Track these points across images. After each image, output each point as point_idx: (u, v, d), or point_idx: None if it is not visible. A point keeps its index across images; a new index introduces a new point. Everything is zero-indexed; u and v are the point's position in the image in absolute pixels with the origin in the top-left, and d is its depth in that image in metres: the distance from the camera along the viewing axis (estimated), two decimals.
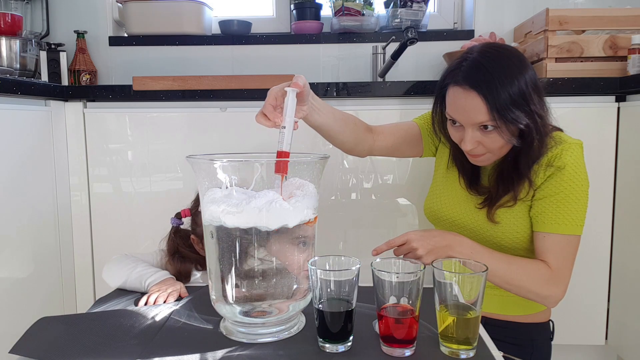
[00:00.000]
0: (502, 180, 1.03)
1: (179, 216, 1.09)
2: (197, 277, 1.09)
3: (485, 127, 0.95)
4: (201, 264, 1.08)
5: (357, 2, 1.96)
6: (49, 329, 0.78)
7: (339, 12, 1.97)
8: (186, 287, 0.97)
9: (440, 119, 1.09)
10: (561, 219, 0.99)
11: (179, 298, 0.92)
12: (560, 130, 1.07)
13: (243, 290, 0.75)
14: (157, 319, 0.81)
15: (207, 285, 0.81)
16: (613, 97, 1.45)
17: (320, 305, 0.70)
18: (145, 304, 0.89)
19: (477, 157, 1.02)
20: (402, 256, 0.98)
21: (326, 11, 2.08)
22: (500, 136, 0.95)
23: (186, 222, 1.10)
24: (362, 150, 1.16)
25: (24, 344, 0.73)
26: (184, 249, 1.07)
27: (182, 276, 1.02)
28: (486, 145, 0.98)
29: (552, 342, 1.18)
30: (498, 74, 0.93)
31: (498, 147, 0.98)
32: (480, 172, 1.11)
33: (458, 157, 1.11)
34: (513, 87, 0.92)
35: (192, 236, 1.08)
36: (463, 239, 0.99)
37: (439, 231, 1.02)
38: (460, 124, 0.99)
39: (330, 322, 0.70)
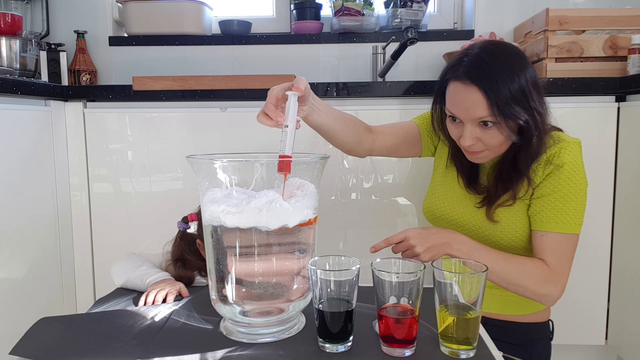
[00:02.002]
0: (501, 179, 1.03)
1: (185, 220, 1.08)
2: (197, 277, 1.09)
3: (485, 123, 0.95)
4: (204, 271, 1.07)
5: (357, 2, 1.96)
6: (49, 329, 0.78)
7: (339, 12, 1.97)
8: (186, 287, 0.97)
9: (439, 116, 1.09)
10: (559, 217, 1.00)
11: (180, 298, 0.92)
12: (560, 130, 1.08)
13: (243, 290, 0.75)
14: (157, 319, 0.81)
15: (207, 285, 0.81)
16: (613, 97, 1.45)
17: (320, 305, 0.70)
18: (145, 303, 0.89)
19: (476, 155, 1.02)
20: (400, 254, 0.98)
21: (326, 11, 2.08)
22: (499, 132, 0.95)
23: (193, 227, 1.10)
24: (362, 150, 1.16)
25: (24, 345, 0.73)
26: (188, 254, 1.07)
27: (182, 282, 1.02)
28: (485, 141, 0.98)
29: (552, 342, 1.18)
30: (499, 69, 0.93)
31: (497, 144, 0.98)
32: (479, 171, 1.11)
33: (457, 156, 1.11)
34: (513, 83, 0.92)
35: (198, 241, 1.07)
36: (461, 237, 1.00)
37: (437, 229, 1.02)
38: (459, 120, 0.99)
39: (330, 322, 0.70)
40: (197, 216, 1.07)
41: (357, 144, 1.13)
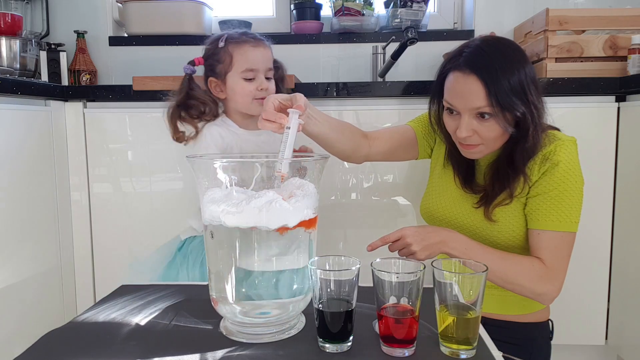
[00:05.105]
0: (498, 177, 1.04)
1: (192, 63, 1.18)
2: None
3: (482, 115, 0.96)
4: (214, 103, 1.21)
5: (357, 2, 1.96)
6: (52, 341, 0.76)
7: (339, 12, 1.97)
8: (186, 286, 0.97)
9: (437, 110, 1.09)
10: (555, 215, 1.00)
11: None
12: (557, 129, 1.08)
13: (243, 290, 0.75)
14: (157, 319, 0.81)
15: (207, 285, 0.81)
16: (613, 97, 1.45)
17: (320, 305, 0.70)
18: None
19: (471, 149, 1.02)
20: (396, 252, 0.99)
21: (326, 11, 2.08)
22: (496, 124, 0.96)
23: (199, 70, 1.20)
24: (359, 156, 1.17)
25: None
26: (195, 91, 1.19)
27: (203, 112, 1.17)
28: (481, 134, 0.98)
29: (552, 342, 1.18)
30: (499, 62, 0.94)
31: (492, 138, 0.98)
32: (475, 170, 1.11)
33: (454, 155, 1.12)
34: (513, 76, 0.93)
35: (210, 78, 1.18)
36: (457, 235, 1.00)
37: (434, 227, 1.03)
38: (457, 112, 0.99)
39: (330, 322, 0.70)
40: (204, 59, 1.19)
41: (354, 150, 1.14)
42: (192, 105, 1.21)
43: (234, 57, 1.18)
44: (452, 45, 1.93)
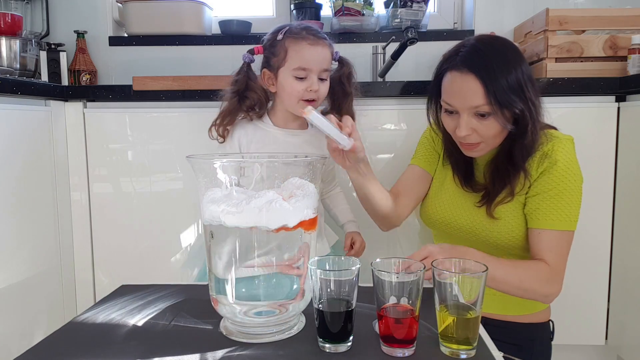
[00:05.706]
0: (498, 175, 1.04)
1: (252, 52, 1.18)
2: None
3: (481, 114, 0.96)
4: (262, 102, 1.20)
5: (357, 2, 1.96)
6: (52, 341, 0.77)
7: (339, 12, 1.97)
8: (186, 286, 0.97)
9: (435, 111, 1.09)
10: (555, 215, 1.00)
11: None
12: (554, 128, 1.08)
13: (243, 290, 0.75)
14: (157, 319, 0.81)
15: (207, 285, 0.81)
16: (613, 97, 1.45)
17: (320, 305, 0.70)
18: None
19: (471, 148, 1.02)
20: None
21: (326, 11, 2.08)
22: (495, 122, 0.96)
23: (258, 60, 1.20)
24: (394, 216, 1.18)
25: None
26: (253, 82, 1.18)
27: (253, 107, 1.17)
28: (481, 132, 0.98)
29: (552, 342, 1.19)
30: (496, 60, 0.95)
31: (492, 135, 0.98)
32: (474, 168, 1.11)
33: (453, 154, 1.12)
34: (510, 74, 0.94)
35: (265, 69, 1.16)
36: (474, 251, 0.98)
37: (450, 245, 1.01)
38: (455, 112, 0.99)
39: (330, 322, 0.70)
40: (263, 49, 1.19)
41: (392, 210, 1.16)
42: (247, 96, 1.18)
43: (289, 53, 1.13)
44: (452, 45, 1.93)
